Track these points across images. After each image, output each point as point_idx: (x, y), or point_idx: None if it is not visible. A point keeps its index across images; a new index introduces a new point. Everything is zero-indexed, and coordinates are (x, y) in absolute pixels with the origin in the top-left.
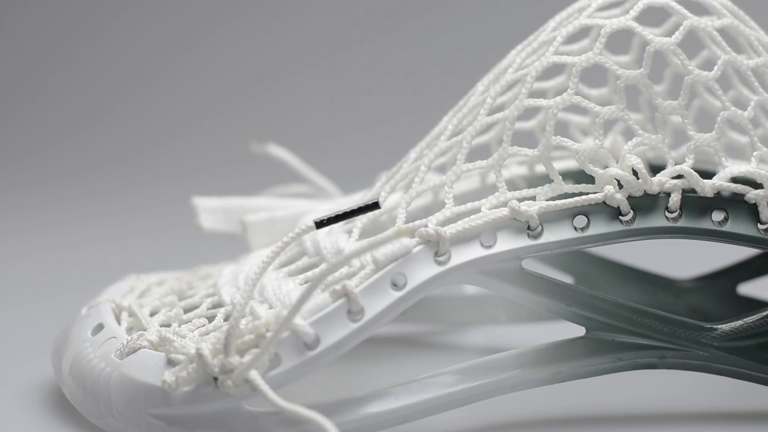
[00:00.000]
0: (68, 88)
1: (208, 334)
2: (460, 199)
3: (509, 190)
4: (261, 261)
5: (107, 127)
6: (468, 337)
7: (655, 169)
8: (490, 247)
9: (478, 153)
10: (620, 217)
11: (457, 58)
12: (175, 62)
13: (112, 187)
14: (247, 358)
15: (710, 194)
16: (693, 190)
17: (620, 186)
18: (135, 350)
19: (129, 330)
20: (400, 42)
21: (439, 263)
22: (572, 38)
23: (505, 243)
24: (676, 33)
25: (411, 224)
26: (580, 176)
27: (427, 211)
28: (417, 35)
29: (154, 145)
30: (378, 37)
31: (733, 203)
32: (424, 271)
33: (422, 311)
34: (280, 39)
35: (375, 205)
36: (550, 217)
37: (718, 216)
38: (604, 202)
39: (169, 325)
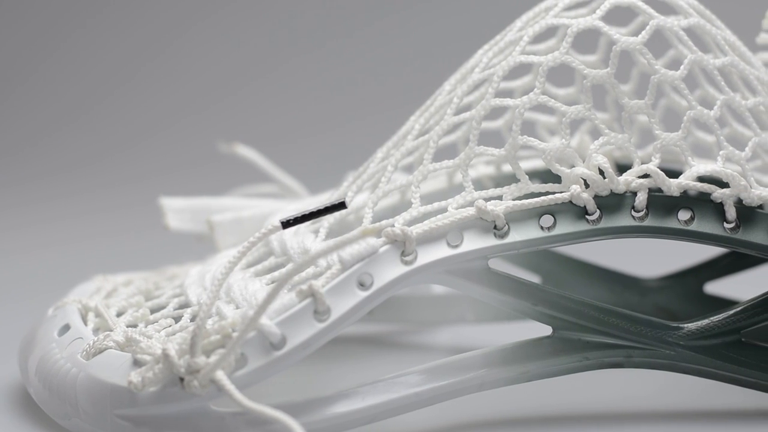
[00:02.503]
0: (37, 92)
1: (174, 334)
2: (427, 199)
3: (476, 190)
4: (227, 261)
5: (75, 130)
6: (435, 337)
7: (622, 168)
8: (456, 246)
9: (445, 152)
10: (587, 216)
11: (424, 58)
12: (142, 65)
13: (79, 189)
14: (213, 358)
15: (676, 193)
16: (659, 190)
17: (587, 185)
18: (101, 351)
19: (95, 330)
20: (367, 42)
21: (406, 263)
22: (539, 38)
23: (472, 242)
24: (643, 32)
25: (377, 224)
26: (547, 176)
27: (394, 210)
28: (383, 35)
29: (122, 148)
30: (344, 37)
31: (700, 202)
32: (390, 271)
33: (389, 311)
34: (246, 41)
35: (341, 205)
36: (517, 217)
37: (684, 215)
38: (570, 202)
39: (135, 326)
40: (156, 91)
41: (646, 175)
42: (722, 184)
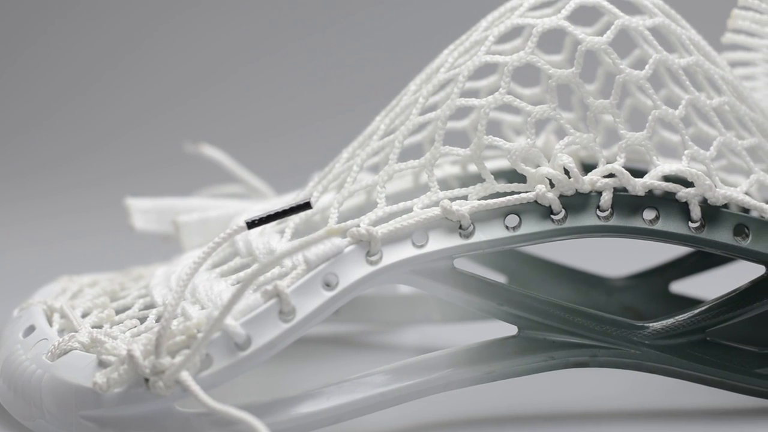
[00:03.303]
0: (1, 96)
1: (139, 335)
2: (393, 199)
3: (442, 190)
4: (192, 261)
5: (40, 132)
6: (401, 337)
7: (588, 168)
8: (421, 246)
9: (411, 152)
10: (552, 216)
11: (389, 58)
12: (107, 67)
13: (44, 191)
14: (178, 359)
15: (641, 193)
16: (624, 189)
17: (552, 185)
18: (66, 352)
19: (60, 332)
20: (332, 42)
21: (371, 263)
22: (504, 38)
23: (437, 242)
24: (608, 32)
25: (342, 224)
26: (513, 175)
27: (360, 210)
28: (348, 35)
29: (87, 150)
30: (308, 36)
31: (665, 202)
32: (355, 271)
33: (356, 311)
34: (210, 42)
35: (307, 205)
36: (482, 217)
37: (649, 214)
38: (535, 201)
39: (100, 327)
40: (121, 93)
41: (611, 175)
42: (687, 184)
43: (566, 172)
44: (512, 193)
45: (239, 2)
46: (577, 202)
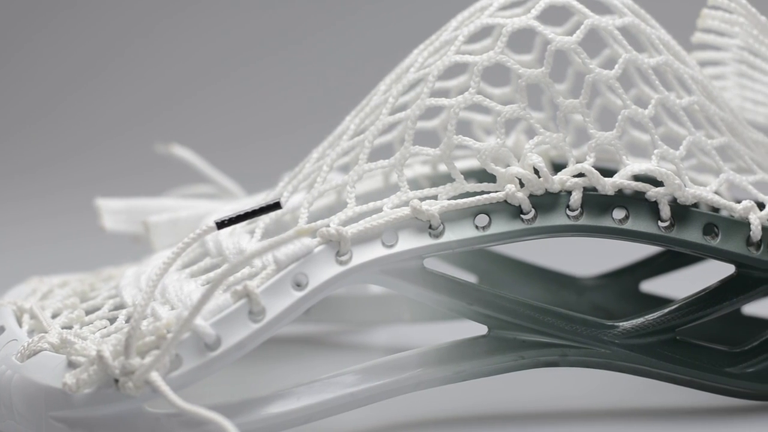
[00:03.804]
0: None
1: (109, 335)
2: (363, 199)
3: (412, 190)
4: (162, 262)
5: (10, 139)
6: (373, 337)
7: (558, 167)
8: (391, 246)
9: (382, 152)
10: (522, 215)
11: (360, 58)
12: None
13: (15, 195)
14: (147, 359)
15: (611, 192)
16: (594, 189)
17: (522, 185)
18: (36, 353)
19: (30, 332)
20: (301, 41)
21: (341, 263)
22: (474, 37)
23: (407, 242)
24: (577, 32)
25: (312, 224)
26: (483, 175)
27: (331, 210)
28: (318, 35)
29: (58, 153)
30: (278, 37)
31: (634, 201)
32: (325, 271)
33: (327, 311)
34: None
35: (276, 205)
36: (452, 216)
37: (618, 214)
38: (505, 201)
39: (70, 327)
40: (94, 98)
41: (581, 174)
42: (657, 183)
43: (536, 171)
44: (482, 192)
45: (212, 11)
46: (547, 201)
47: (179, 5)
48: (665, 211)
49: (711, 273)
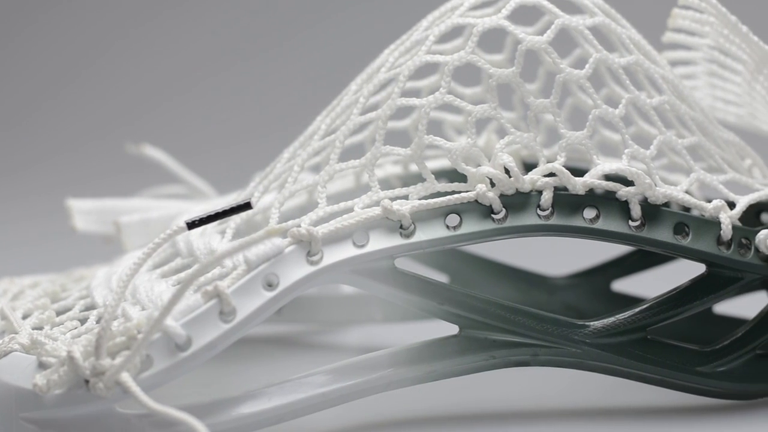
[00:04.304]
0: None
1: (80, 336)
2: (335, 199)
3: (383, 190)
4: (132, 262)
5: None
6: (345, 337)
7: (530, 167)
8: (362, 246)
9: (353, 152)
10: (492, 215)
11: (330, 58)
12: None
13: None
14: (118, 360)
15: (582, 192)
16: (565, 188)
17: (492, 184)
18: (6, 354)
19: (0, 333)
20: (272, 44)
21: (312, 263)
22: (445, 37)
23: (378, 242)
24: (548, 31)
25: (283, 224)
26: (454, 175)
27: (302, 210)
28: (288, 34)
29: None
30: (249, 40)
31: (605, 201)
32: (296, 271)
33: (299, 311)
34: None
35: (247, 206)
36: (423, 216)
37: (589, 213)
38: (476, 201)
39: (41, 328)
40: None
41: (552, 174)
42: (628, 183)
43: (507, 171)
44: (453, 192)
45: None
46: (518, 201)
47: (152, 12)
48: (636, 211)
49: (682, 272)
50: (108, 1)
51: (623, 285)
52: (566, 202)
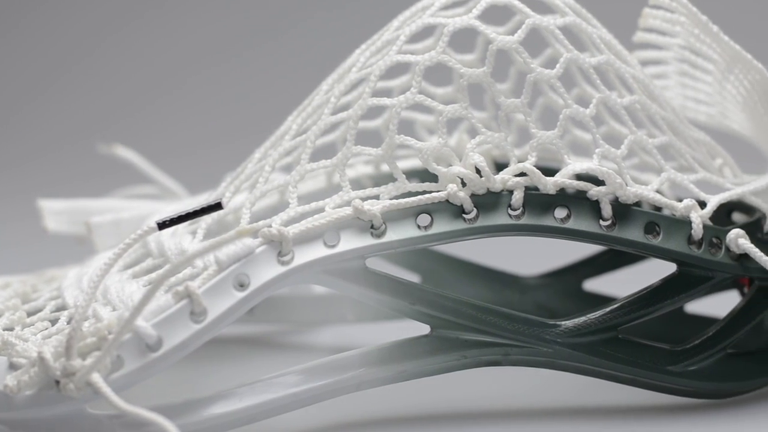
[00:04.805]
0: None
1: (50, 337)
2: (306, 199)
3: (355, 190)
4: (103, 263)
5: None
6: (317, 337)
7: (501, 167)
8: (333, 246)
9: (325, 152)
10: (464, 215)
11: (301, 58)
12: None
13: None
14: (89, 360)
15: (553, 191)
16: (536, 188)
17: (463, 184)
18: None
19: None
20: (242, 42)
21: (283, 263)
22: (416, 37)
23: (349, 242)
24: (519, 31)
25: (254, 224)
26: (426, 175)
27: (274, 210)
28: (259, 37)
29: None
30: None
31: (576, 200)
32: (267, 272)
33: (271, 311)
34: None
35: (218, 206)
36: (394, 216)
37: (560, 213)
38: (447, 201)
39: (12, 329)
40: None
41: (523, 174)
42: (598, 182)
43: (478, 171)
44: (424, 192)
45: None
46: (489, 201)
47: (126, 17)
48: (607, 210)
49: (653, 272)
50: (81, 8)
51: (595, 284)
52: (537, 201)
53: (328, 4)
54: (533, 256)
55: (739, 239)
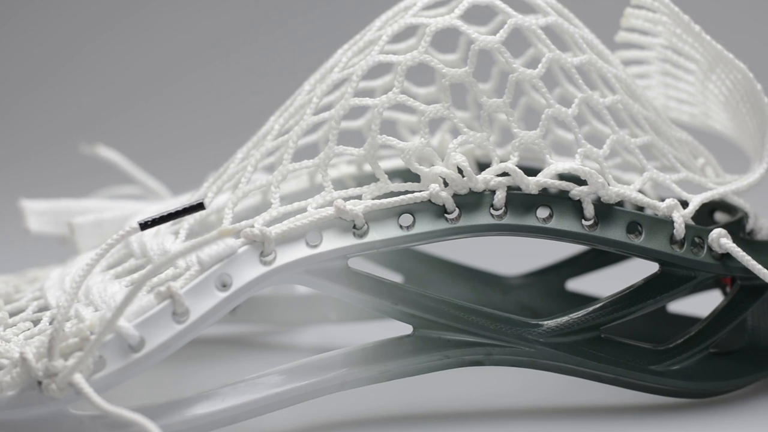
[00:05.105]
0: None
1: (33, 337)
2: (289, 199)
3: (337, 190)
4: (85, 263)
5: None
6: (300, 337)
7: (483, 167)
8: (315, 246)
9: (307, 152)
10: (446, 215)
11: (283, 58)
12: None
13: None
14: (71, 361)
15: (535, 191)
16: (518, 188)
17: (446, 184)
18: None
19: None
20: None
21: (265, 263)
22: (398, 37)
23: (331, 242)
24: (501, 31)
25: (236, 225)
26: (408, 175)
27: (257, 211)
28: (242, 35)
29: None
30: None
31: (558, 200)
32: (249, 272)
33: (254, 311)
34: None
35: (200, 206)
36: (376, 216)
37: (542, 213)
38: (429, 201)
39: None
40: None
41: (505, 174)
42: (581, 182)
43: (460, 171)
44: (406, 192)
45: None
46: (471, 200)
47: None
48: (589, 210)
49: (635, 271)
50: (62, 12)
51: (577, 284)
52: (519, 201)
53: (309, 4)
54: (516, 256)
55: (721, 239)
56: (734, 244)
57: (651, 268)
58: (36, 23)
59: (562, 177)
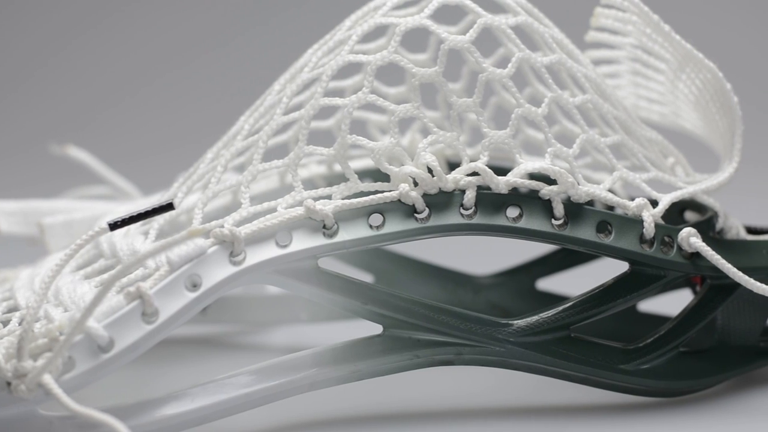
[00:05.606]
0: None
1: (2, 338)
2: (259, 199)
3: (308, 190)
4: (55, 264)
5: None
6: (271, 337)
7: (454, 166)
8: (285, 246)
9: (278, 152)
10: (416, 214)
11: (253, 58)
12: None
13: None
14: (40, 362)
15: (505, 191)
16: (488, 187)
17: (415, 184)
18: None
19: None
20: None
21: (235, 263)
22: (368, 37)
23: (301, 242)
24: (471, 31)
25: (206, 225)
26: (378, 175)
27: (227, 211)
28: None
29: None
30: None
31: (528, 199)
32: (219, 272)
33: (224, 311)
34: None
35: (169, 206)
36: (346, 216)
37: (512, 212)
38: (399, 200)
39: None
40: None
41: (475, 173)
42: (551, 181)
43: (430, 170)
44: (376, 192)
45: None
46: (441, 200)
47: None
48: (559, 210)
49: (605, 271)
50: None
51: (548, 284)
52: (489, 201)
53: (279, 4)
54: (486, 256)
55: (690, 238)
56: (704, 243)
57: (621, 267)
58: (3, 27)
59: (532, 176)
